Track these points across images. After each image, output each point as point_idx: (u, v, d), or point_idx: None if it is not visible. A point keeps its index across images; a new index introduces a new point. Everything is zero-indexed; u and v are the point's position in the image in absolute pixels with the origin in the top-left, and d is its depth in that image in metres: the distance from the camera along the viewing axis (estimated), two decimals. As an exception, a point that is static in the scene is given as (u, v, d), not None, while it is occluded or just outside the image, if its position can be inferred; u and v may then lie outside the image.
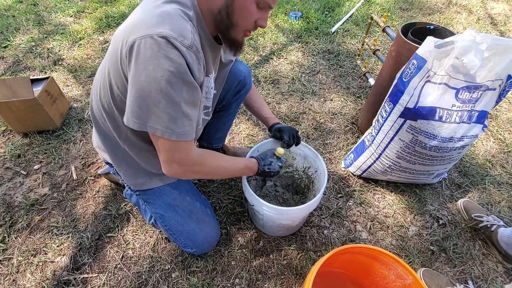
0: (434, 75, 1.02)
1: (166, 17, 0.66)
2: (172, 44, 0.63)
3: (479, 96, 1.02)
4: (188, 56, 0.66)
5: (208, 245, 1.10)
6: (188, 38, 0.66)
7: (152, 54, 0.63)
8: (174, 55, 0.64)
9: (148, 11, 0.69)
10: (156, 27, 0.64)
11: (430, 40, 1.02)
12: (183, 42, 0.65)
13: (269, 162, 1.04)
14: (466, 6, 2.75)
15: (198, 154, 0.83)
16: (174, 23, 0.66)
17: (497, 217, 1.24)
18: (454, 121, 1.04)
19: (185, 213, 1.03)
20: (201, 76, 0.74)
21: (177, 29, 0.65)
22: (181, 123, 0.72)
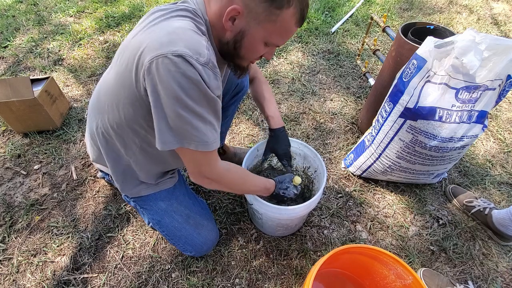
0: (434, 75, 1.02)
1: (180, 33, 0.64)
2: (189, 62, 0.62)
3: (478, 96, 1.02)
4: (204, 73, 0.65)
5: (207, 248, 1.10)
6: (203, 54, 0.65)
7: (170, 74, 0.62)
8: (192, 73, 0.63)
9: (160, 27, 0.67)
10: (171, 45, 0.62)
11: (430, 40, 1.02)
12: (198, 59, 0.64)
13: (286, 187, 1.02)
14: (466, 6, 2.75)
15: (225, 168, 0.82)
16: (188, 39, 0.64)
17: (486, 200, 1.30)
18: (454, 121, 1.04)
19: (182, 218, 1.03)
20: (218, 91, 0.73)
21: (192, 46, 0.64)
22: (210, 134, 0.73)
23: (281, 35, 0.72)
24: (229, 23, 0.68)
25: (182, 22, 0.67)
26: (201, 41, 0.66)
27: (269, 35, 0.70)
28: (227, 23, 0.68)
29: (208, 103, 0.70)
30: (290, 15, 0.67)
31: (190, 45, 0.63)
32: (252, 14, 0.66)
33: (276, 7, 0.65)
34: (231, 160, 1.46)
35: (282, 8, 0.65)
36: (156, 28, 0.68)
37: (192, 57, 0.62)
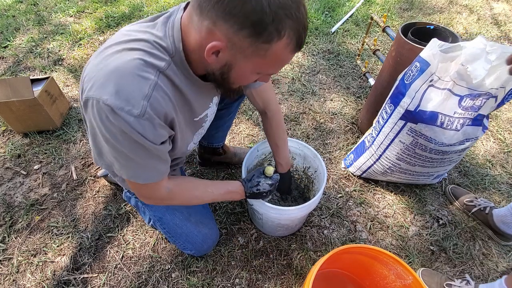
0: (438, 80, 1.01)
1: (117, 75, 0.58)
2: (117, 114, 0.57)
3: (482, 104, 1.00)
4: (138, 125, 0.60)
5: (207, 247, 1.10)
6: (138, 105, 0.58)
7: (102, 121, 0.60)
8: (121, 124, 0.59)
9: (107, 59, 0.61)
10: (103, 90, 0.58)
11: (434, 42, 1.00)
12: (130, 111, 0.58)
13: (256, 183, 0.94)
14: (467, 6, 2.75)
15: (167, 190, 0.80)
16: (123, 87, 0.58)
17: (486, 200, 1.30)
18: (456, 128, 1.03)
19: (184, 215, 1.03)
20: (160, 138, 0.67)
21: (125, 96, 0.58)
22: (144, 172, 0.71)
23: (274, 66, 0.64)
24: (212, 57, 0.59)
25: (129, 59, 0.60)
26: (140, 88, 0.59)
27: (260, 67, 0.62)
28: (210, 57, 0.59)
29: (145, 151, 0.66)
30: (283, 46, 0.57)
31: (123, 94, 0.58)
32: (237, 48, 0.57)
33: (264, 42, 0.55)
34: (231, 160, 1.46)
35: (272, 42, 0.55)
36: (105, 59, 0.62)
37: (122, 109, 0.57)
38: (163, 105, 0.64)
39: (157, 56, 0.62)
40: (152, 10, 2.67)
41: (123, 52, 0.61)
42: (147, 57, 0.61)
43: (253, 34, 0.54)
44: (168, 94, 0.65)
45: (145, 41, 0.62)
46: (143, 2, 2.77)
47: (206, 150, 1.39)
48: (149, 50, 0.62)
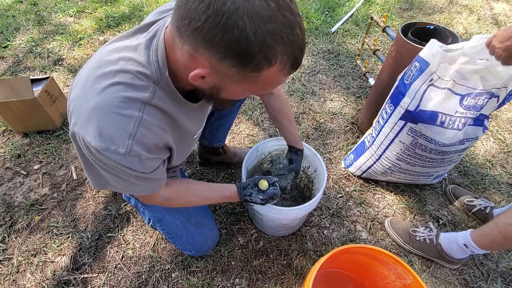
0: (438, 79, 1.01)
1: (98, 116, 0.56)
2: (103, 154, 0.58)
3: (484, 103, 1.00)
4: (124, 161, 0.60)
5: (207, 247, 1.10)
6: (123, 145, 0.57)
7: (90, 152, 0.61)
8: (109, 160, 0.59)
9: (88, 92, 0.58)
10: (86, 130, 0.57)
11: (433, 43, 1.00)
12: (116, 150, 0.57)
13: (249, 193, 0.92)
14: (466, 6, 2.75)
15: (164, 198, 0.82)
16: (105, 127, 0.56)
17: (486, 200, 1.31)
18: (457, 127, 1.03)
19: (184, 216, 1.03)
20: (149, 169, 0.67)
21: (108, 136, 0.56)
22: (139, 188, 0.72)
23: (268, 88, 0.59)
24: (199, 81, 0.55)
25: (109, 97, 0.57)
26: (124, 128, 0.57)
27: (251, 91, 0.59)
28: (196, 82, 0.55)
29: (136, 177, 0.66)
30: (275, 72, 0.52)
31: (106, 135, 0.56)
32: (223, 75, 0.53)
33: (253, 71, 0.50)
34: (231, 160, 1.46)
35: (262, 71, 0.50)
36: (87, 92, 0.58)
37: (108, 149, 0.57)
38: (151, 137, 0.62)
39: (140, 87, 0.59)
40: (152, 10, 2.66)
41: (104, 87, 0.57)
42: (129, 91, 0.58)
43: (239, 64, 0.49)
44: (157, 124, 0.63)
45: (126, 72, 0.58)
46: (143, 2, 2.77)
47: (206, 150, 1.39)
48: (131, 82, 0.58)
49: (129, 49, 0.61)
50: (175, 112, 0.67)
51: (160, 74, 0.60)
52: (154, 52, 0.59)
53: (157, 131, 0.63)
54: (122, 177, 0.66)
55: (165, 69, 0.59)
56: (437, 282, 1.13)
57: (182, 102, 0.67)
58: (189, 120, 0.74)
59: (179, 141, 0.75)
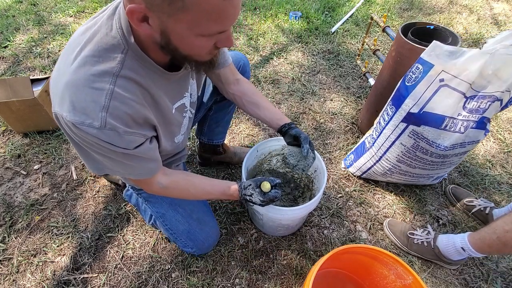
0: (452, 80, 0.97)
1: (70, 91, 0.58)
2: (80, 129, 0.59)
3: (487, 107, 0.99)
4: (102, 135, 0.60)
5: (208, 245, 1.10)
6: (97, 118, 0.58)
7: (71, 131, 0.62)
8: (88, 136, 0.60)
9: (62, 72, 0.60)
10: (62, 106, 0.58)
11: (435, 44, 0.99)
12: (91, 124, 0.58)
13: (250, 194, 0.90)
14: (466, 6, 2.75)
15: (161, 186, 0.82)
16: (77, 101, 0.57)
17: (486, 200, 1.31)
18: (459, 130, 1.02)
19: (186, 212, 1.04)
20: (131, 144, 0.66)
21: (81, 109, 0.57)
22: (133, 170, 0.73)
23: (212, 19, 0.53)
24: (145, 26, 0.54)
25: (79, 72, 0.58)
26: (95, 100, 0.58)
27: (194, 25, 0.53)
28: (141, 26, 0.54)
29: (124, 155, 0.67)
30: None
31: (80, 109, 0.58)
32: (156, 8, 0.50)
33: None
34: (231, 160, 1.46)
35: None
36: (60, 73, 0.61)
37: (83, 123, 0.58)
38: (126, 111, 0.62)
39: (108, 59, 0.59)
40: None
41: (73, 64, 0.59)
42: (98, 64, 0.58)
43: None
44: (131, 98, 0.63)
45: (93, 46, 0.59)
46: (143, 2, 2.77)
47: (206, 149, 1.39)
48: (98, 55, 0.59)
49: (95, 24, 0.62)
50: (150, 84, 0.67)
51: (126, 41, 0.60)
52: (117, 20, 0.60)
53: (132, 105, 0.63)
54: (109, 156, 0.67)
55: (130, 35, 0.60)
56: (437, 282, 1.13)
57: (155, 69, 0.66)
58: (166, 93, 0.73)
59: (161, 118, 0.74)
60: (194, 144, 1.60)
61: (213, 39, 0.59)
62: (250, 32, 2.40)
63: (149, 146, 0.72)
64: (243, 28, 2.46)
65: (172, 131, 0.83)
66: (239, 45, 2.29)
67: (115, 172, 0.74)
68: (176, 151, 0.96)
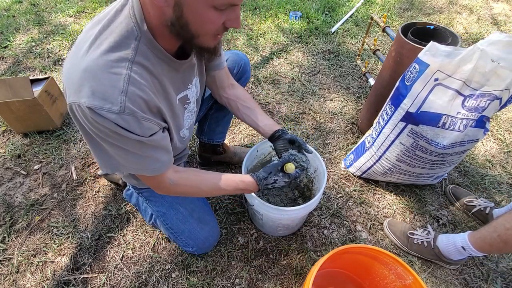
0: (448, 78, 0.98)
1: (89, 77, 0.58)
2: (99, 114, 0.58)
3: (486, 105, 0.99)
4: (121, 121, 0.60)
5: (209, 245, 1.10)
6: (116, 102, 0.58)
7: (86, 120, 0.61)
8: (106, 123, 0.60)
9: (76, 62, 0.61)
10: (79, 93, 0.58)
11: (432, 45, 0.99)
12: (110, 109, 0.58)
13: (273, 180, 0.90)
14: (466, 6, 2.75)
15: (171, 183, 0.81)
16: (96, 86, 0.58)
17: (486, 200, 1.30)
18: (458, 129, 1.02)
19: (187, 211, 1.04)
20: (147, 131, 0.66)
21: (101, 94, 0.58)
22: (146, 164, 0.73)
23: None
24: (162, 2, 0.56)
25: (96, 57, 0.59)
26: (114, 85, 0.59)
27: None
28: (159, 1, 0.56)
29: (139, 144, 0.67)
30: None
31: (99, 93, 0.58)
32: None
33: None
34: (231, 160, 1.46)
35: None
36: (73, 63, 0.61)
37: (102, 108, 0.58)
38: (142, 96, 0.63)
39: (123, 46, 0.61)
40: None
41: (89, 51, 0.60)
42: (114, 50, 0.60)
43: None
44: (145, 85, 0.64)
45: (108, 34, 0.61)
46: (143, 2, 2.77)
47: (206, 149, 1.39)
48: (113, 42, 0.60)
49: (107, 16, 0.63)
50: (160, 72, 0.68)
51: (139, 29, 0.62)
52: (130, 8, 0.61)
53: (147, 91, 0.64)
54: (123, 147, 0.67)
55: (143, 23, 0.61)
56: (437, 282, 1.13)
57: (165, 57, 0.68)
58: (172, 83, 0.74)
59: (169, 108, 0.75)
60: (194, 144, 1.60)
61: (223, 15, 0.60)
62: (250, 32, 2.40)
63: (162, 135, 0.73)
64: (243, 28, 2.46)
65: (178, 123, 0.83)
66: (239, 45, 2.29)
67: (128, 168, 0.73)
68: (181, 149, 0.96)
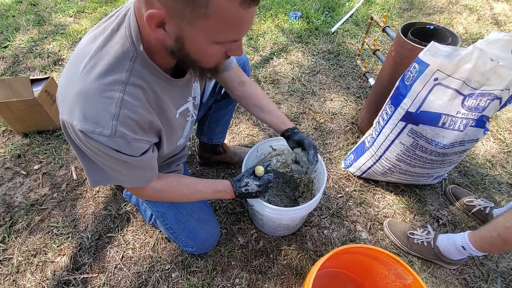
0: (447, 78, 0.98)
1: (81, 100, 0.58)
2: (90, 137, 0.59)
3: (486, 105, 0.99)
4: (112, 143, 0.61)
5: (209, 245, 1.10)
6: (107, 126, 0.59)
7: (79, 138, 0.62)
8: (96, 144, 0.61)
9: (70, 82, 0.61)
10: (72, 115, 0.59)
11: (433, 45, 0.99)
12: (101, 132, 0.59)
13: (245, 183, 0.92)
14: (467, 6, 2.75)
15: (154, 191, 0.83)
16: (89, 109, 0.58)
17: (486, 200, 1.30)
18: (458, 128, 1.02)
19: (187, 211, 1.04)
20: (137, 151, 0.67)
21: (92, 118, 0.58)
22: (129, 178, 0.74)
23: (228, 28, 0.54)
24: (160, 32, 0.54)
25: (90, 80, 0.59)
26: (106, 109, 0.59)
27: (211, 33, 0.54)
28: (157, 31, 0.54)
29: (126, 164, 0.68)
30: None
31: (91, 118, 0.58)
32: (176, 14, 0.51)
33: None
34: (231, 160, 1.46)
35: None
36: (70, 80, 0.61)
37: (93, 132, 0.59)
38: (133, 118, 0.63)
39: (117, 68, 0.60)
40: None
41: (84, 73, 0.59)
42: (108, 73, 0.60)
43: None
44: (138, 105, 0.64)
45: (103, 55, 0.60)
46: (143, 2, 2.77)
47: (206, 149, 1.39)
48: (108, 64, 0.60)
49: (104, 32, 0.63)
50: (156, 90, 0.68)
51: (135, 49, 0.61)
52: (127, 28, 0.61)
53: (139, 112, 0.64)
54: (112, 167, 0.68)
55: (139, 43, 0.61)
56: (437, 282, 1.13)
57: (162, 76, 0.68)
58: (171, 99, 0.75)
59: (166, 123, 0.75)
60: (194, 144, 1.60)
61: (225, 47, 0.60)
62: (250, 32, 2.40)
63: (151, 155, 0.73)
64: (243, 28, 2.46)
65: (175, 135, 0.84)
66: (239, 45, 2.29)
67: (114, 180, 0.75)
68: (177, 152, 0.97)
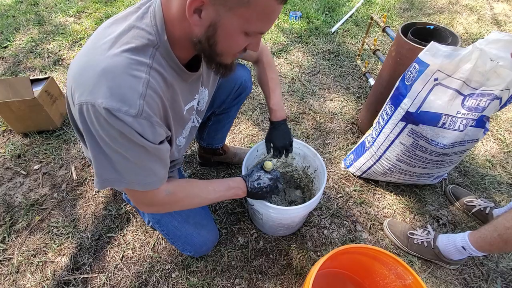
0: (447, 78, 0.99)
1: (108, 77, 0.57)
2: (115, 116, 0.56)
3: (486, 105, 0.99)
4: (136, 125, 0.59)
5: (207, 248, 1.10)
6: (134, 105, 0.58)
7: (98, 122, 0.58)
8: (120, 126, 0.58)
9: (93, 60, 0.59)
10: (96, 93, 0.56)
11: (433, 45, 1.00)
12: (128, 112, 0.57)
13: (257, 177, 0.92)
14: (467, 6, 2.75)
15: (167, 193, 0.78)
16: (116, 87, 0.56)
17: (486, 200, 1.30)
18: (458, 128, 1.02)
19: (182, 217, 1.03)
20: (159, 137, 0.66)
21: (119, 96, 0.56)
22: (143, 177, 0.70)
23: (261, 19, 0.58)
24: (195, 17, 0.56)
25: (117, 59, 0.58)
26: (134, 87, 0.58)
27: (246, 22, 0.57)
28: (192, 17, 0.56)
29: (144, 153, 0.65)
30: None
31: (118, 95, 0.56)
32: (219, 1, 0.54)
33: None
34: (231, 160, 1.46)
35: None
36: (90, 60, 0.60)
37: (119, 110, 0.56)
38: (157, 101, 0.63)
39: (142, 51, 0.61)
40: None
41: (109, 51, 0.58)
42: (135, 54, 0.59)
43: None
44: (159, 91, 0.64)
45: (129, 38, 0.60)
46: (143, 2, 2.77)
47: (206, 151, 1.39)
48: (135, 46, 0.60)
49: (126, 20, 0.62)
50: (173, 82, 0.68)
51: (159, 38, 0.62)
52: (152, 17, 0.61)
53: (162, 98, 0.65)
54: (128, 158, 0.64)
55: (163, 32, 0.61)
56: (437, 282, 1.13)
57: (178, 68, 0.68)
58: (181, 93, 0.74)
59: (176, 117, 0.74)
60: (193, 144, 1.60)
61: (249, 40, 0.63)
62: (250, 32, 2.40)
63: (167, 146, 0.72)
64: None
65: (179, 131, 0.83)
66: (239, 45, 2.29)
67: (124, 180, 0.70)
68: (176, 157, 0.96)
